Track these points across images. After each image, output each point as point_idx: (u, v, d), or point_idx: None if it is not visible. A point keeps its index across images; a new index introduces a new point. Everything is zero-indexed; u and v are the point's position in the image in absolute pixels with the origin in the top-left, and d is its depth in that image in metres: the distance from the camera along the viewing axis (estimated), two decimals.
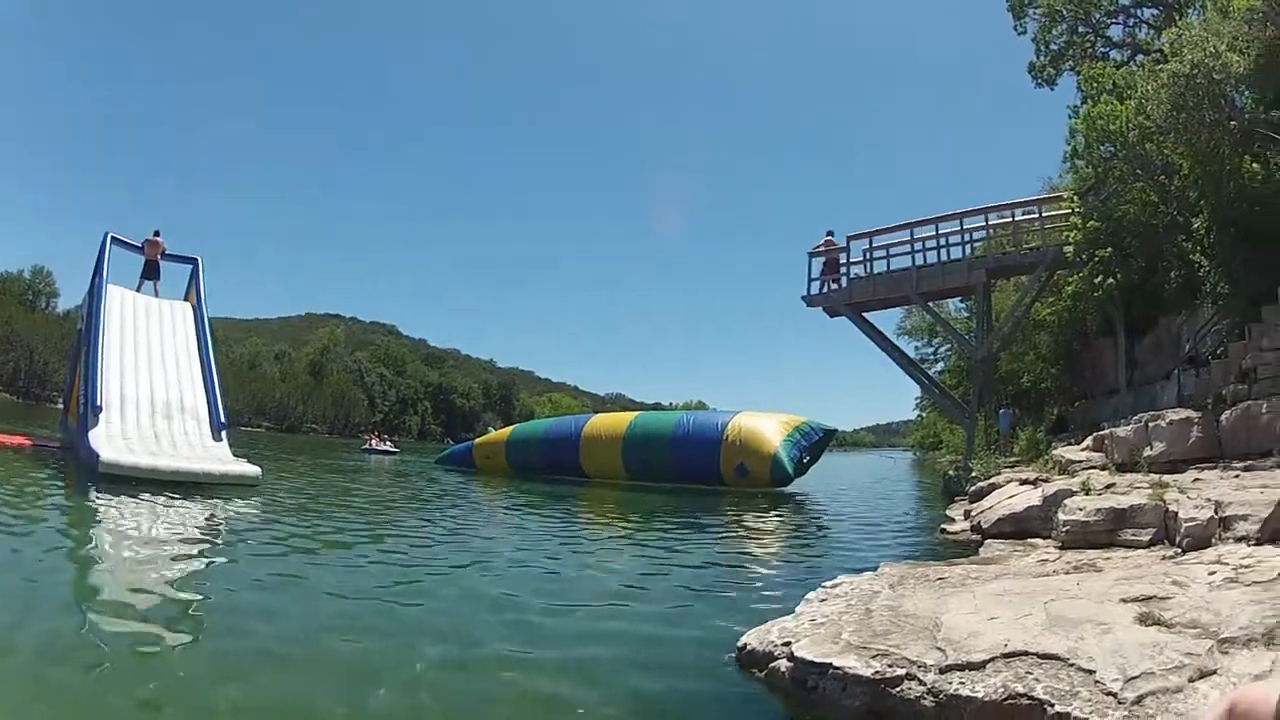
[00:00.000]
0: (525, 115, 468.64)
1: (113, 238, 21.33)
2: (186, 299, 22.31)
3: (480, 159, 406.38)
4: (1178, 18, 19.70)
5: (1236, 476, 8.92)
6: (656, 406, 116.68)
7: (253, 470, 16.12)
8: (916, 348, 45.18)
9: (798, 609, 5.87)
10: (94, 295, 19.75)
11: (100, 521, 10.74)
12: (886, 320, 35.89)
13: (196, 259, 22.96)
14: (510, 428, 31.92)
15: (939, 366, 44.99)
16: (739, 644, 5.30)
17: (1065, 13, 27.62)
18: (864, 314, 26.66)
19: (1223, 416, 11.27)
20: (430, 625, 5.98)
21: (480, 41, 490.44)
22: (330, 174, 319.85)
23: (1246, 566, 5.52)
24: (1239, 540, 6.36)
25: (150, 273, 22.39)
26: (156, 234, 22.85)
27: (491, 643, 5.57)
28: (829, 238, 26.79)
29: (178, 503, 12.57)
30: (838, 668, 4.40)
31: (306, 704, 4.38)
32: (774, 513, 16.60)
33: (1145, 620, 4.52)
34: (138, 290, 21.57)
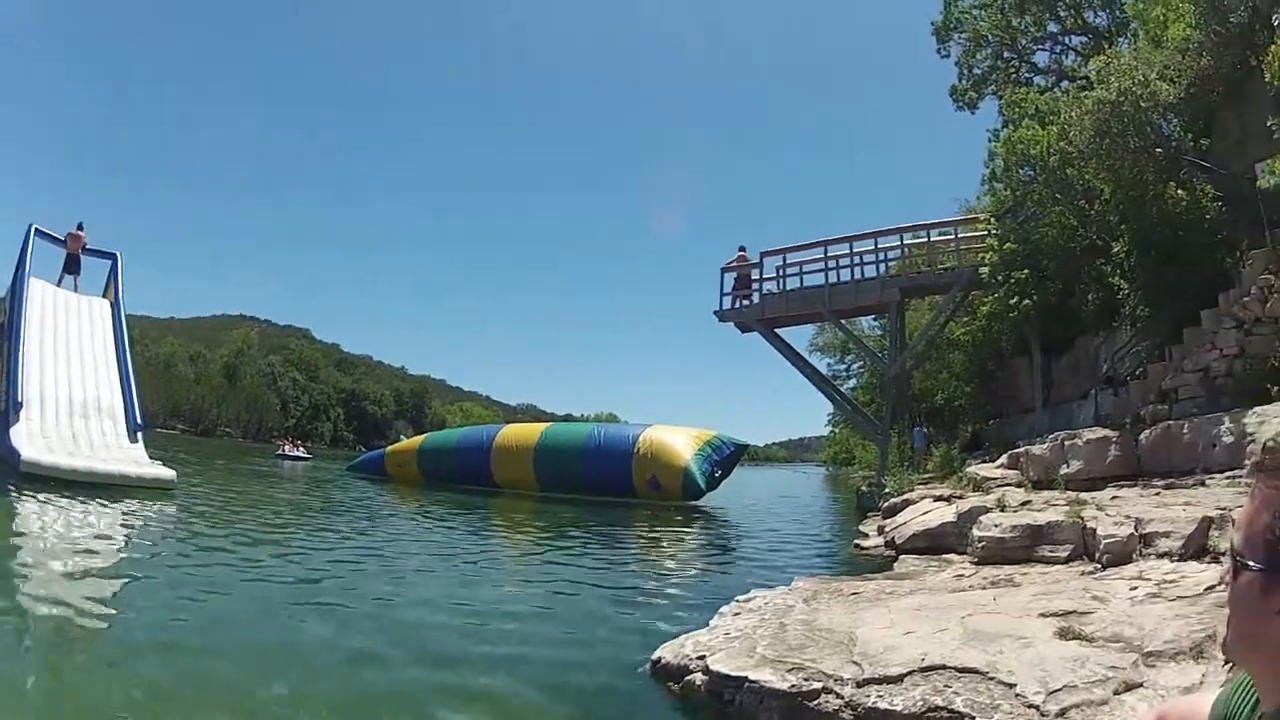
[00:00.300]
0: (448, 118, 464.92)
1: (36, 230, 20.74)
2: (105, 295, 21.87)
3: (399, 165, 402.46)
4: (1107, 46, 20.08)
5: (1157, 494, 8.95)
6: (568, 418, 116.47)
7: (168, 474, 16.15)
8: (829, 364, 45.68)
9: (711, 622, 5.97)
10: (16, 289, 19.25)
11: (19, 521, 10.73)
12: (799, 336, 36.19)
13: (116, 254, 22.52)
14: (422, 436, 31.58)
15: (852, 383, 45.47)
16: (653, 657, 5.31)
17: (991, 38, 28.07)
18: (776, 330, 26.57)
19: (1142, 436, 11.34)
20: (335, 645, 5.79)
21: (407, 38, 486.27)
22: (248, 172, 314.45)
23: (1170, 582, 5.50)
24: (1161, 556, 6.33)
25: (71, 267, 21.85)
26: (80, 227, 22.25)
27: (396, 665, 5.42)
28: (742, 253, 26.74)
29: (94, 504, 12.61)
30: (754, 681, 4.39)
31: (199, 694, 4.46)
32: (686, 527, 16.56)
33: (1066, 634, 4.59)
34: (58, 284, 21.05)
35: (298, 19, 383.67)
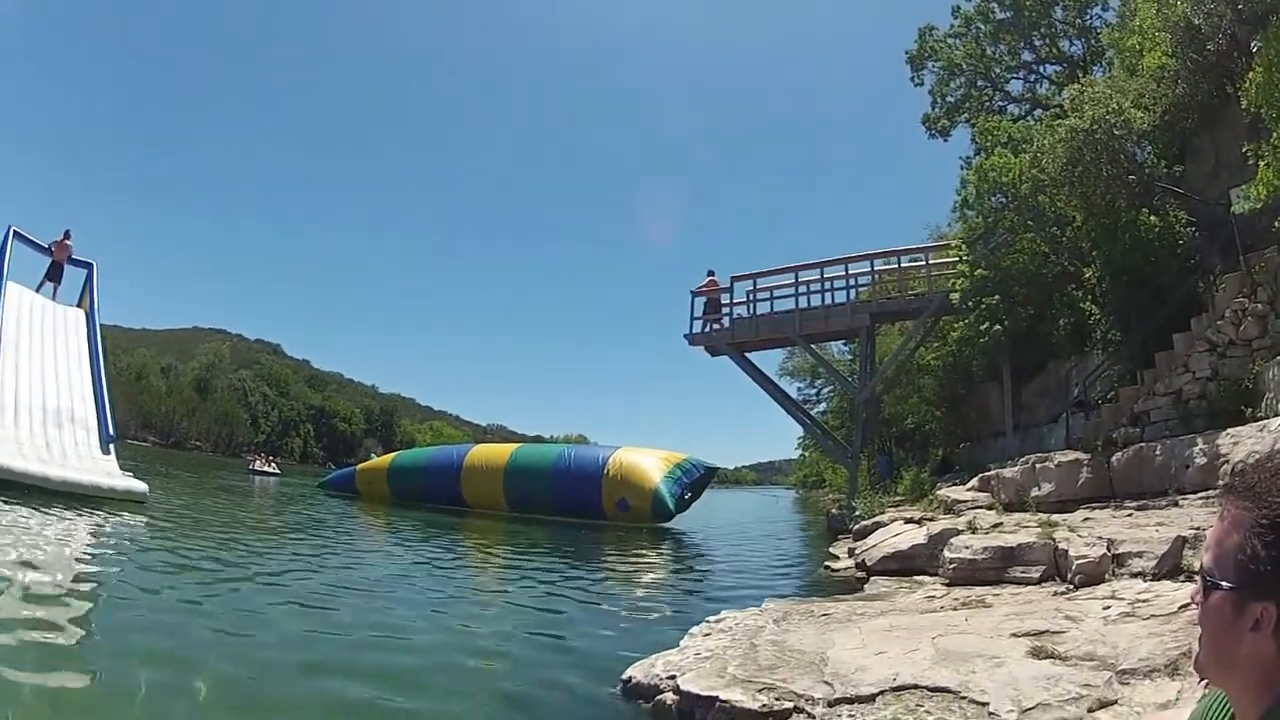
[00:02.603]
0: (421, 136, 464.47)
1: (15, 232, 20.53)
2: (80, 304, 21.76)
3: (373, 182, 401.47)
4: (1082, 74, 20.28)
5: (1130, 515, 8.98)
6: (537, 439, 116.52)
7: (140, 486, 16.08)
8: (799, 388, 45.94)
9: (682, 643, 5.99)
10: None
11: None
12: (769, 360, 36.28)
13: (91, 264, 22.40)
14: (392, 455, 31.36)
15: (822, 407, 45.78)
16: (624, 677, 5.30)
17: (965, 66, 28.35)
18: (746, 354, 26.65)
19: (1114, 458, 11.36)
20: (299, 663, 5.67)
21: (386, 53, 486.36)
22: (223, 185, 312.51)
23: (1144, 601, 5.51)
24: (1134, 576, 6.35)
25: (53, 274, 21.68)
26: (67, 235, 22.12)
27: (361, 685, 5.31)
28: (712, 278, 26.85)
29: (66, 514, 12.53)
30: (724, 700, 4.38)
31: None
32: (656, 548, 16.50)
33: (1039, 654, 4.61)
34: (37, 290, 20.86)
35: (278, 36, 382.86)
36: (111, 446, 18.19)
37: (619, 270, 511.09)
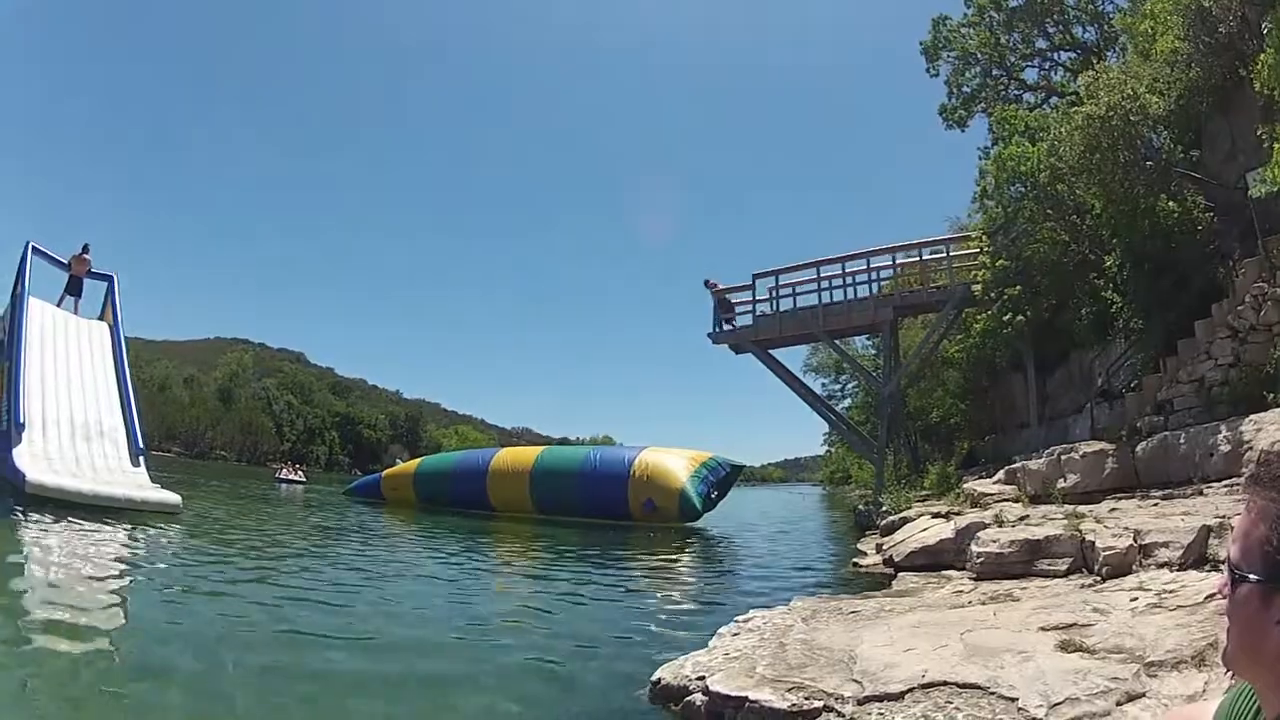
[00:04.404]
0: (437, 141, 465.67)
1: (34, 248, 20.65)
2: (102, 317, 21.81)
3: (393, 190, 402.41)
4: (1096, 61, 20.20)
5: (1155, 505, 8.95)
6: (563, 441, 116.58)
7: (174, 498, 16.05)
8: (824, 384, 45.82)
9: (710, 643, 5.92)
10: (15, 307, 19.14)
11: (26, 544, 10.67)
12: (793, 357, 36.20)
13: (112, 276, 22.41)
14: (418, 460, 31.52)
15: (847, 402, 45.57)
16: (653, 678, 5.23)
17: (980, 56, 28.28)
18: (770, 351, 26.70)
19: (1139, 447, 11.32)
20: (334, 665, 5.79)
21: (395, 69, 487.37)
22: (243, 196, 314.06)
23: (1171, 591, 5.50)
24: (1160, 566, 6.33)
25: (73, 288, 21.75)
26: (85, 250, 22.18)
27: (393, 686, 5.38)
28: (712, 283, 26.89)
29: (103, 528, 12.49)
30: (754, 700, 4.35)
31: None
32: (683, 548, 16.45)
33: (1067, 647, 4.57)
34: (58, 305, 20.98)
35: (302, 43, 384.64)
36: (141, 459, 18.19)
37: (644, 271, 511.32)
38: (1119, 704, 3.67)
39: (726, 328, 26.78)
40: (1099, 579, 6.88)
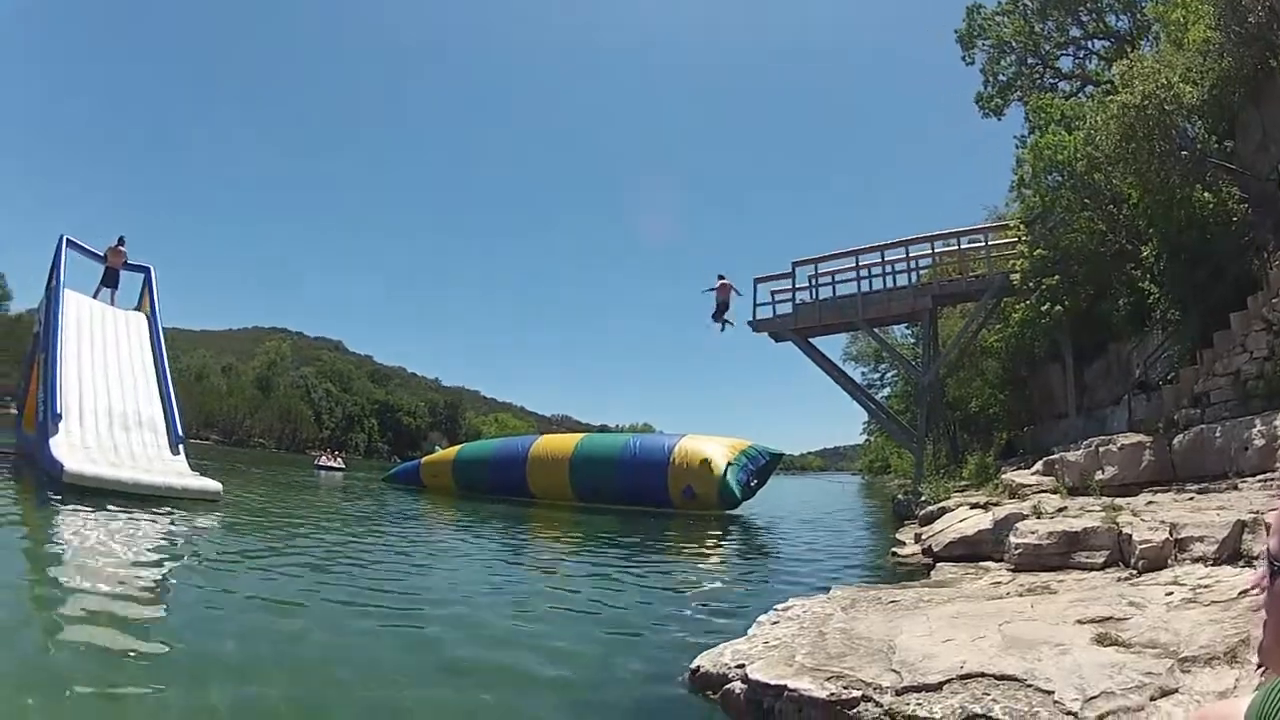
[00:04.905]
0: (468, 132, 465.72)
1: (68, 241, 20.94)
2: (139, 308, 22.02)
3: (419, 175, 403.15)
4: (1129, 49, 20.03)
5: (1191, 499, 8.94)
6: (603, 428, 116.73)
7: (214, 485, 16.04)
8: (863, 373, 45.55)
9: (750, 631, 5.89)
10: (51, 300, 19.45)
11: (67, 533, 10.58)
12: (833, 345, 36.10)
13: (149, 267, 22.67)
14: (457, 447, 31.62)
15: (886, 391, 45.38)
16: (692, 666, 5.29)
17: (1015, 44, 28.09)
18: (810, 339, 26.74)
19: (1175, 440, 11.29)
20: (375, 655, 5.80)
21: (417, 61, 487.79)
22: (278, 185, 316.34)
23: (1205, 586, 5.50)
24: (1195, 561, 6.34)
25: (109, 280, 22.03)
26: (121, 242, 22.44)
27: (430, 675, 5.41)
28: (723, 281, 26.87)
29: (143, 517, 12.43)
30: (793, 689, 4.36)
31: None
32: (723, 536, 16.52)
33: (1103, 641, 4.52)
34: (94, 297, 21.25)
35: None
36: (181, 447, 18.35)
37: (684, 259, 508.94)
38: (1153, 699, 3.66)
39: (717, 324, 26.79)
40: (1135, 572, 6.88)
